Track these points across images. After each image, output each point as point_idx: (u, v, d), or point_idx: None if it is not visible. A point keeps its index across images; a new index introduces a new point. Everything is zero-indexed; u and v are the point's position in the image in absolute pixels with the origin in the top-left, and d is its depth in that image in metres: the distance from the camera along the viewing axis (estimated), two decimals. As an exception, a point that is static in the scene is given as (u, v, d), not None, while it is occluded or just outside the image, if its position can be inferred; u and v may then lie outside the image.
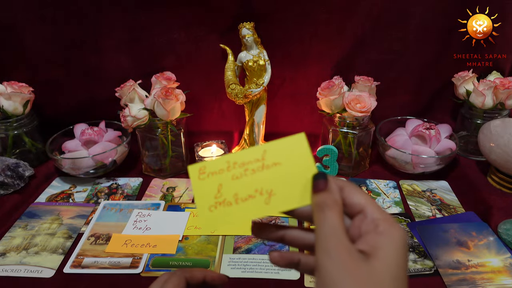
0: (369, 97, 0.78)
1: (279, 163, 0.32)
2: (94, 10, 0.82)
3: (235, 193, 0.32)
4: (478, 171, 0.83)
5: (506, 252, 0.63)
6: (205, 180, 0.33)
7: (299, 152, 0.32)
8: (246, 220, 0.32)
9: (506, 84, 0.80)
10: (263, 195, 0.32)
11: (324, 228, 0.29)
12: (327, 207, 0.29)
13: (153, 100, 0.77)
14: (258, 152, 0.33)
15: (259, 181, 0.32)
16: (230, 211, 0.32)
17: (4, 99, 0.81)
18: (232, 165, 0.33)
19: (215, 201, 0.32)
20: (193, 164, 0.33)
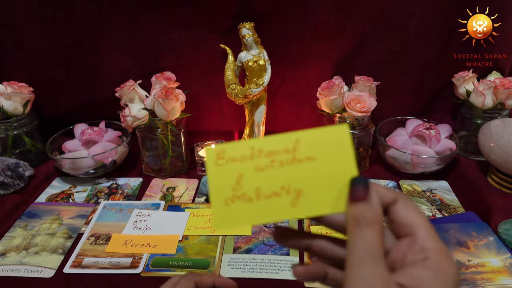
0: (369, 97, 0.78)
1: (313, 158, 0.28)
2: (94, 10, 0.82)
3: (257, 187, 0.27)
4: (478, 171, 0.83)
5: (506, 252, 0.63)
6: (223, 167, 0.28)
7: (339, 147, 0.28)
8: (266, 222, 0.28)
9: (506, 84, 0.80)
10: (290, 194, 0.27)
11: (358, 248, 0.24)
12: (365, 223, 0.25)
13: (153, 100, 0.77)
14: (290, 141, 0.28)
15: (287, 176, 0.27)
16: (249, 208, 0.27)
17: (4, 99, 0.81)
18: (256, 152, 0.28)
19: (232, 194, 0.27)
20: (211, 147, 0.29)
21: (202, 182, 0.83)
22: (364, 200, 0.25)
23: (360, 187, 0.26)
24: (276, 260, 0.62)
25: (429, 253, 0.24)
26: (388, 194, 0.27)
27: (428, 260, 0.24)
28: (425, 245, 0.24)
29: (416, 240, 0.25)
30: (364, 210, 0.25)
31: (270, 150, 0.28)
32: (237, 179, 0.28)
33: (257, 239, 0.67)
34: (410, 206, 0.26)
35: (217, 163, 0.28)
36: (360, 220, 0.25)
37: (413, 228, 0.25)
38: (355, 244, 0.24)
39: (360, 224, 0.25)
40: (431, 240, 0.25)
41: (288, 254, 0.63)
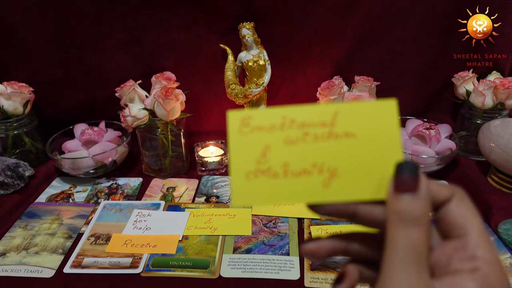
0: (369, 97, 0.78)
1: (353, 135, 0.24)
2: (94, 10, 0.82)
3: (285, 162, 0.24)
4: (478, 171, 0.83)
5: (506, 252, 0.63)
6: (248, 136, 0.24)
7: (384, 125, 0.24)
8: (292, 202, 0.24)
9: (506, 84, 0.80)
10: (323, 174, 0.24)
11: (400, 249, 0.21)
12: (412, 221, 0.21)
13: (153, 100, 0.77)
14: (328, 113, 0.24)
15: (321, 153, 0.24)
16: (274, 185, 0.24)
17: (4, 99, 0.81)
18: (288, 122, 0.24)
19: (256, 167, 0.24)
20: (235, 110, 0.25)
21: (202, 182, 0.83)
22: (412, 192, 0.22)
23: (409, 175, 0.22)
24: (276, 260, 0.62)
25: (479, 264, 0.21)
26: (442, 190, 0.23)
27: (477, 272, 0.21)
28: (476, 254, 0.21)
29: (467, 246, 0.22)
30: (411, 205, 0.21)
31: (304, 121, 0.24)
32: (262, 151, 0.24)
33: (257, 239, 0.67)
34: (466, 205, 0.23)
35: (241, 130, 0.24)
36: (405, 216, 0.21)
37: (465, 231, 0.22)
38: (397, 244, 0.21)
39: (405, 221, 0.21)
40: (484, 248, 0.21)
41: (288, 254, 0.63)
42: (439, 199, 0.23)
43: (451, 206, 0.23)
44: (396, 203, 0.22)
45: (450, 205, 0.23)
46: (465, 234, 0.22)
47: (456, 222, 0.22)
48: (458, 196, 0.23)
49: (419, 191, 0.22)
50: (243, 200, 0.24)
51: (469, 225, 0.22)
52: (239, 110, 0.25)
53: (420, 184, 0.22)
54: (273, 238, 0.67)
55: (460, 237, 0.22)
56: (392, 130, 0.24)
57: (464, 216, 0.22)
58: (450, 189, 0.23)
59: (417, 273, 0.20)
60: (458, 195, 0.23)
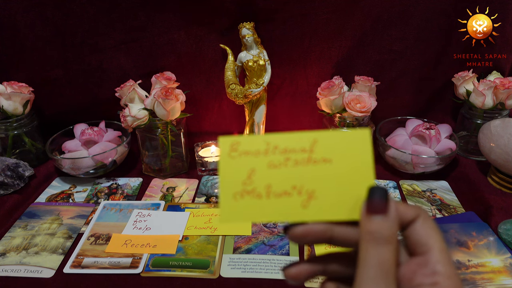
0: (369, 97, 0.78)
1: (329, 160, 0.26)
2: (94, 10, 0.82)
3: (268, 184, 0.27)
4: (478, 171, 0.83)
5: (506, 252, 0.63)
6: (236, 160, 0.27)
7: (358, 152, 0.26)
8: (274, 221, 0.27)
9: (506, 84, 0.80)
10: (302, 196, 0.26)
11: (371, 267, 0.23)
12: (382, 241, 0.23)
13: (153, 100, 0.77)
14: (307, 140, 0.27)
15: (300, 176, 0.26)
16: (257, 204, 0.26)
17: (4, 99, 0.81)
18: (272, 148, 0.27)
19: (242, 188, 0.27)
20: (226, 136, 0.27)
21: (202, 182, 0.83)
22: (382, 214, 0.24)
23: (379, 199, 0.24)
24: (276, 260, 0.62)
25: (439, 279, 0.23)
26: (408, 211, 0.25)
27: (437, 287, 0.23)
28: (437, 269, 0.23)
29: (428, 262, 0.24)
30: (382, 226, 0.24)
31: (286, 147, 0.27)
32: (248, 174, 0.27)
33: (257, 239, 0.67)
34: (429, 225, 0.25)
35: (230, 154, 0.27)
36: (376, 235, 0.23)
37: (427, 248, 0.24)
38: (368, 262, 0.23)
39: (376, 241, 0.23)
40: (443, 264, 0.23)
41: (288, 254, 0.63)
42: (406, 219, 0.25)
43: (416, 225, 0.25)
44: (368, 224, 0.24)
45: (415, 225, 0.25)
46: (428, 251, 0.24)
47: (420, 240, 0.24)
48: (422, 216, 0.25)
49: (389, 213, 0.24)
50: (230, 218, 0.27)
51: (431, 242, 0.24)
52: (229, 136, 0.27)
53: (390, 207, 0.24)
54: (273, 238, 0.67)
55: (423, 254, 0.24)
56: (365, 156, 0.26)
57: (427, 234, 0.24)
58: (415, 210, 0.25)
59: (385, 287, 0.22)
60: (422, 216, 0.25)
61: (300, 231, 0.26)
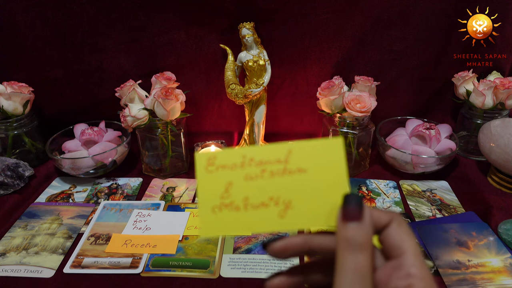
0: (369, 97, 0.78)
1: (304, 170, 0.27)
2: (94, 10, 0.82)
3: (245, 197, 0.27)
4: (478, 171, 0.83)
5: (506, 252, 0.63)
6: (213, 174, 0.27)
7: (332, 161, 0.27)
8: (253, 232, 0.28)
9: (506, 84, 0.80)
10: (279, 206, 0.27)
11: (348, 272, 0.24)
12: (358, 247, 0.24)
13: (153, 100, 0.77)
14: (282, 151, 0.27)
15: (276, 187, 0.27)
16: (236, 217, 0.27)
17: (4, 99, 0.81)
18: (247, 161, 0.27)
19: (220, 202, 0.27)
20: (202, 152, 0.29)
21: (202, 182, 0.83)
22: (357, 221, 0.25)
23: (354, 206, 0.25)
24: (276, 260, 0.62)
25: (413, 281, 0.24)
26: (382, 216, 0.26)
27: None
28: (411, 272, 0.24)
29: (403, 265, 0.24)
30: (356, 232, 0.24)
31: (262, 159, 0.27)
32: (226, 187, 0.27)
33: (257, 239, 0.67)
34: (402, 229, 0.25)
35: (207, 169, 0.28)
36: (352, 242, 0.24)
37: (402, 252, 0.25)
38: (345, 268, 0.24)
39: (352, 247, 0.24)
40: (417, 266, 0.24)
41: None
42: (380, 224, 0.26)
43: (391, 230, 0.25)
44: (344, 230, 0.25)
45: (390, 229, 0.26)
46: (402, 254, 0.25)
47: (394, 244, 0.25)
48: (396, 220, 0.26)
49: (363, 220, 0.25)
50: (210, 231, 0.27)
51: (404, 246, 0.25)
52: (206, 152, 0.28)
53: (364, 213, 0.25)
54: (273, 238, 0.67)
55: (397, 258, 0.25)
56: (339, 165, 0.27)
57: (400, 238, 0.25)
58: (389, 214, 0.26)
59: None
60: (396, 220, 0.26)
61: (279, 246, 0.27)
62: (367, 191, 0.80)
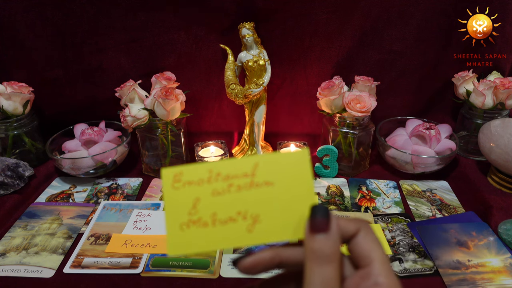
0: (369, 97, 0.78)
1: (271, 183, 0.27)
2: (94, 10, 0.82)
3: (213, 212, 0.27)
4: (478, 171, 0.83)
5: (506, 252, 0.63)
6: (180, 190, 0.27)
7: (298, 173, 0.27)
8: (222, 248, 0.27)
9: (506, 84, 0.80)
10: (247, 220, 0.27)
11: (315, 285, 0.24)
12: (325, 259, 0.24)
13: (153, 100, 0.77)
14: (248, 165, 0.27)
15: (244, 202, 0.27)
16: (204, 233, 0.26)
17: (4, 99, 0.81)
18: (214, 176, 0.27)
19: (188, 219, 0.27)
20: (168, 168, 0.27)
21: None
22: (324, 232, 0.25)
23: (321, 217, 0.25)
24: (276, 260, 0.62)
25: None
26: (349, 226, 0.26)
27: None
28: (378, 281, 0.24)
29: (370, 274, 0.24)
30: (324, 244, 0.24)
31: (229, 173, 0.27)
32: (193, 203, 0.27)
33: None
34: (370, 238, 0.25)
35: (173, 186, 0.27)
36: (319, 254, 0.24)
37: (369, 261, 0.25)
38: (313, 281, 0.24)
39: (320, 259, 0.24)
40: (384, 275, 0.24)
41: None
42: (348, 234, 0.26)
43: (358, 238, 0.25)
44: (311, 242, 0.24)
45: (358, 238, 0.25)
46: (369, 263, 0.25)
47: (362, 253, 0.25)
48: (364, 229, 0.26)
49: (331, 231, 0.25)
50: (178, 249, 0.27)
51: (372, 255, 0.25)
52: (171, 168, 0.27)
53: (331, 224, 0.25)
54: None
55: (366, 267, 0.25)
56: (305, 176, 0.27)
57: (368, 247, 0.25)
58: (356, 223, 0.26)
59: None
60: (363, 229, 0.26)
61: (249, 263, 0.26)
62: (367, 191, 0.80)
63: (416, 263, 0.62)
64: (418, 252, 0.64)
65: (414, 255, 0.63)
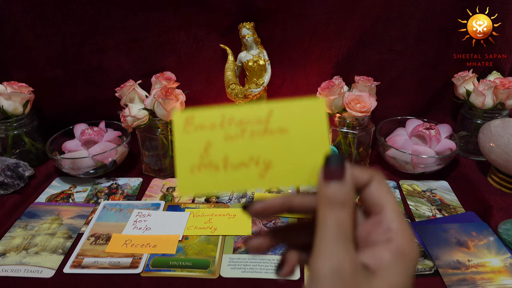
0: (369, 97, 0.78)
1: (285, 130, 0.27)
2: (94, 10, 0.82)
3: (225, 157, 0.27)
4: (478, 171, 0.83)
5: (506, 252, 0.63)
6: (192, 134, 0.27)
7: (314, 121, 0.27)
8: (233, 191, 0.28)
9: (506, 84, 0.80)
10: (259, 166, 0.27)
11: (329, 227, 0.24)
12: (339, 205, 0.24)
13: (153, 100, 0.77)
14: (263, 111, 0.27)
15: (257, 147, 0.27)
16: (215, 177, 0.27)
17: (4, 99, 0.81)
18: (227, 121, 0.27)
19: (199, 162, 0.27)
20: (180, 111, 0.27)
21: (202, 182, 0.83)
22: (338, 180, 0.25)
23: (336, 165, 0.25)
24: (276, 260, 0.62)
25: (392, 235, 0.24)
26: (362, 175, 0.26)
27: (391, 243, 0.24)
28: (391, 226, 0.25)
29: (383, 221, 0.25)
30: (338, 191, 0.25)
31: (242, 118, 0.27)
32: (205, 147, 0.27)
33: (257, 239, 0.67)
34: (382, 187, 0.26)
35: (185, 129, 0.27)
36: (334, 201, 0.24)
37: (381, 208, 0.25)
38: (327, 223, 0.24)
39: (333, 204, 0.24)
40: (396, 221, 0.25)
41: (288, 254, 0.63)
42: (361, 183, 0.26)
43: (371, 187, 0.26)
44: (325, 189, 0.25)
45: (370, 187, 0.26)
46: (382, 210, 0.25)
47: (374, 201, 0.26)
48: (377, 179, 0.26)
49: (345, 179, 0.25)
50: (188, 190, 0.27)
51: (384, 203, 0.25)
52: (183, 111, 0.27)
53: (346, 172, 0.25)
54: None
55: (378, 214, 0.25)
56: (321, 124, 0.27)
57: (380, 196, 0.26)
58: (370, 173, 0.26)
59: (343, 247, 0.23)
60: (376, 178, 0.26)
61: (260, 207, 0.27)
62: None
63: (416, 263, 0.62)
64: (418, 252, 0.64)
65: (414, 255, 0.63)
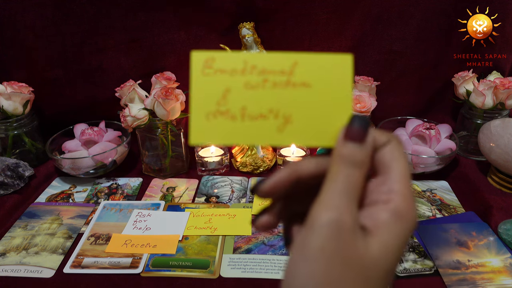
0: (369, 97, 0.78)
1: (309, 85, 0.25)
2: (94, 10, 0.82)
3: (243, 106, 0.25)
4: (478, 171, 0.83)
5: (506, 252, 0.63)
6: (210, 77, 0.25)
7: (339, 78, 0.25)
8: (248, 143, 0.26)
9: (506, 84, 0.80)
10: (278, 119, 0.25)
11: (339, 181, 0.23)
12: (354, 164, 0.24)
13: (153, 100, 0.77)
14: (287, 62, 0.25)
15: (277, 100, 0.25)
16: (231, 126, 0.25)
17: (4, 99, 0.81)
18: (249, 68, 0.25)
19: (216, 109, 0.25)
20: (199, 51, 0.25)
21: (202, 182, 0.83)
22: (360, 142, 0.24)
23: (360, 127, 0.24)
24: (276, 260, 0.62)
25: (393, 196, 0.23)
26: (381, 137, 0.25)
27: (390, 203, 0.23)
28: (393, 187, 0.24)
29: (387, 181, 0.24)
30: (356, 152, 0.24)
31: (265, 68, 0.25)
32: (223, 93, 0.25)
33: (257, 239, 0.67)
34: (397, 150, 0.25)
35: (203, 72, 0.25)
36: (351, 160, 0.24)
37: (389, 169, 0.24)
38: (337, 177, 0.23)
39: (348, 162, 0.24)
40: (400, 182, 0.24)
41: (288, 254, 0.63)
42: (378, 144, 0.25)
43: (386, 149, 0.25)
44: (344, 148, 0.24)
45: (385, 149, 0.25)
46: (389, 171, 0.24)
47: (385, 162, 0.25)
48: (394, 142, 0.25)
49: (366, 143, 0.24)
50: (201, 138, 0.25)
51: (394, 165, 0.24)
52: (203, 51, 0.25)
53: (368, 136, 0.24)
54: (273, 238, 0.67)
55: (384, 174, 0.25)
56: (346, 82, 0.25)
57: (393, 157, 0.25)
58: (388, 136, 0.25)
59: (347, 202, 0.23)
60: (394, 141, 0.25)
61: (268, 186, 0.26)
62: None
63: (416, 263, 0.62)
64: (418, 252, 0.64)
65: (414, 255, 0.63)
